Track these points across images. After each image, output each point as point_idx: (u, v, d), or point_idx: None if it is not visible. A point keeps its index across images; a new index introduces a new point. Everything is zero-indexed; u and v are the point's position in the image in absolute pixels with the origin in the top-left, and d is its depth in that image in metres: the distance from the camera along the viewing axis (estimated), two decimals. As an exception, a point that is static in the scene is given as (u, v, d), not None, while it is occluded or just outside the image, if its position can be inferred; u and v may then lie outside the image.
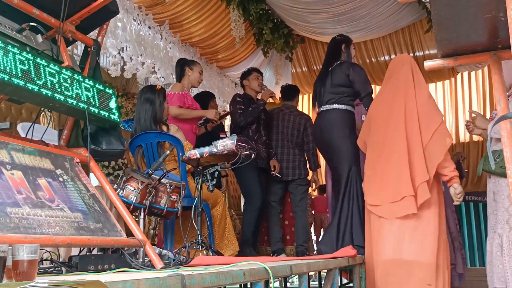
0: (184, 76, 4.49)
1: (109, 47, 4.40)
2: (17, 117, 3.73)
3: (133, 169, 3.14)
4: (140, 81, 5.18)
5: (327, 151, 4.48)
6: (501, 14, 1.48)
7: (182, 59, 4.73)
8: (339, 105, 4.38)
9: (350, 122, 4.43)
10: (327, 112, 4.42)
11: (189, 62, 4.59)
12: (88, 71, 2.65)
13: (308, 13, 6.42)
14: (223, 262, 2.43)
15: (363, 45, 7.56)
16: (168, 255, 2.77)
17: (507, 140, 1.55)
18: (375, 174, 3.67)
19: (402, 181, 3.42)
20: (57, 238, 1.93)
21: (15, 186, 1.96)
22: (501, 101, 1.61)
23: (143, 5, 4.90)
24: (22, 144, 2.19)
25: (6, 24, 2.26)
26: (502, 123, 1.54)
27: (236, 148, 3.19)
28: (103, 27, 2.83)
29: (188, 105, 4.34)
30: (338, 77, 4.41)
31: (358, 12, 6.31)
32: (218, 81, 6.79)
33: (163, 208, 3.05)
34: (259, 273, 2.06)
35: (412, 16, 6.75)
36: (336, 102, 4.39)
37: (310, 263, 2.71)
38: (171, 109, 4.17)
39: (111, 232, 2.26)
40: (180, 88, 4.39)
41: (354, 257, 3.51)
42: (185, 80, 4.48)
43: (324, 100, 4.45)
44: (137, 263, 2.30)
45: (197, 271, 1.79)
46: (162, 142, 3.64)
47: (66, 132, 2.62)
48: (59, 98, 2.27)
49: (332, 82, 4.42)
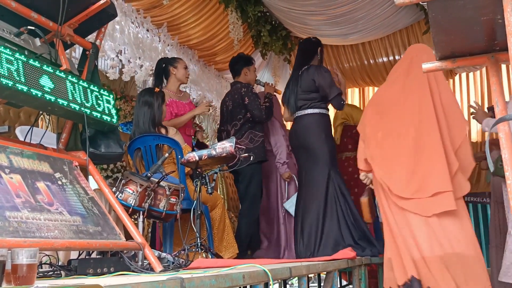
0: (170, 76, 4.38)
1: (107, 50, 4.40)
2: (15, 120, 3.72)
3: (132, 172, 3.14)
4: (139, 83, 5.17)
5: (302, 156, 4.48)
6: (499, 16, 1.48)
7: (162, 60, 4.54)
8: (313, 109, 4.41)
9: (326, 126, 4.46)
10: (302, 117, 4.45)
11: (170, 60, 4.43)
12: (87, 74, 2.66)
13: (306, 15, 6.42)
14: (222, 264, 2.43)
15: (361, 46, 7.56)
16: (167, 258, 2.77)
17: (505, 142, 1.55)
18: (400, 166, 3.50)
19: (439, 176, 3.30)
20: (56, 241, 1.93)
21: (14, 190, 1.96)
22: (499, 103, 1.62)
23: (141, 8, 4.90)
24: (20, 147, 2.19)
25: (4, 28, 2.26)
26: (500, 125, 1.55)
27: (234, 150, 3.19)
28: (101, 30, 2.83)
29: (175, 114, 4.24)
30: (306, 83, 4.45)
31: (356, 14, 6.31)
32: (216, 83, 6.78)
33: (162, 211, 3.05)
34: (259, 276, 2.06)
35: (410, 18, 6.76)
36: (309, 107, 4.42)
37: (309, 265, 2.71)
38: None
39: (110, 235, 2.26)
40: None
41: (353, 259, 3.51)
42: (171, 80, 4.38)
43: (297, 106, 4.47)
44: (136, 266, 2.31)
45: (197, 274, 1.80)
46: (161, 145, 3.64)
47: (65, 135, 2.62)
48: (57, 102, 2.27)
49: (302, 88, 4.45)
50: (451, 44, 1.74)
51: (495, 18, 1.51)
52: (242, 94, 4.49)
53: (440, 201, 3.19)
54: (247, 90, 4.52)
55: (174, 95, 4.37)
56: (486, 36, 1.64)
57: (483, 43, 1.70)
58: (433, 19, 1.57)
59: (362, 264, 3.75)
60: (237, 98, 4.52)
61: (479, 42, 1.71)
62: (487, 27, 1.57)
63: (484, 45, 1.73)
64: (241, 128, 4.47)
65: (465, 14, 1.50)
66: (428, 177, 3.24)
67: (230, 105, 4.59)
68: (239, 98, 4.51)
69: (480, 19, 1.54)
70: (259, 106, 4.45)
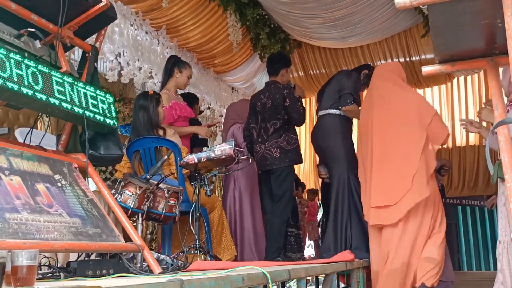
0: (172, 76, 4.36)
1: (106, 52, 4.40)
2: (14, 122, 3.73)
3: (131, 174, 3.14)
4: (137, 86, 5.18)
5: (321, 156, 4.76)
6: (498, 20, 1.49)
7: (173, 57, 4.55)
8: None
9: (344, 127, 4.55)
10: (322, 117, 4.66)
11: (180, 63, 4.41)
12: (86, 76, 2.65)
13: (305, 18, 6.43)
14: (221, 267, 2.43)
15: (360, 50, 7.58)
16: (166, 260, 2.77)
17: (505, 145, 1.56)
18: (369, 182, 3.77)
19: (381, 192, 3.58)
20: (56, 243, 1.92)
21: (13, 191, 1.96)
22: (498, 107, 1.63)
23: (140, 10, 4.90)
24: (20, 149, 2.19)
25: (4, 30, 2.26)
26: (500, 128, 1.55)
27: (233, 153, 3.19)
28: (101, 32, 2.83)
29: (178, 115, 4.24)
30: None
31: (354, 17, 6.33)
32: (215, 86, 6.79)
33: (161, 213, 3.05)
34: (258, 278, 2.07)
35: (408, 21, 6.78)
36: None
37: (308, 268, 2.71)
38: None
39: (109, 237, 2.26)
40: (167, 101, 4.23)
41: (351, 262, 3.51)
42: (172, 81, 4.36)
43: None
44: (135, 268, 2.30)
45: (196, 276, 1.80)
46: (159, 147, 3.64)
47: (64, 137, 2.62)
48: (57, 104, 2.27)
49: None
50: (450, 47, 1.75)
51: (495, 22, 1.52)
52: (285, 95, 4.39)
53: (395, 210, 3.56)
54: (289, 92, 4.43)
55: (173, 96, 4.37)
56: (485, 40, 1.65)
57: (482, 46, 1.71)
58: (433, 22, 1.58)
59: (361, 266, 3.75)
60: (278, 98, 4.41)
61: (479, 45, 1.72)
62: (487, 30, 1.58)
63: (484, 49, 1.74)
64: (280, 128, 4.38)
65: (465, 18, 1.51)
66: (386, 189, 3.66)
67: (269, 103, 4.44)
68: (280, 98, 4.40)
69: (480, 23, 1.55)
70: (299, 109, 4.40)
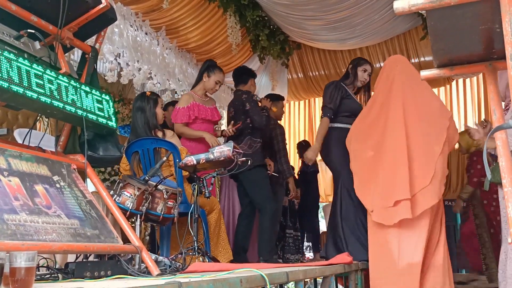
0: (201, 80, 4.48)
1: (105, 53, 4.41)
2: (13, 123, 3.73)
3: (130, 176, 3.14)
4: (137, 87, 5.17)
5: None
6: (497, 25, 1.50)
7: (208, 61, 4.64)
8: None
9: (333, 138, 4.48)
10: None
11: (210, 68, 4.48)
12: (86, 77, 2.66)
13: (304, 20, 6.43)
14: (220, 268, 2.43)
15: (359, 52, 7.57)
16: (164, 261, 2.77)
17: (502, 150, 1.57)
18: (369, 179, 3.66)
19: (397, 185, 3.42)
20: (54, 244, 1.93)
21: (12, 192, 1.96)
22: (496, 111, 1.63)
23: (140, 11, 4.90)
24: (19, 150, 2.19)
25: (4, 31, 2.26)
26: (498, 133, 1.56)
27: (232, 154, 3.20)
28: (100, 33, 2.84)
29: (195, 116, 4.32)
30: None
31: (354, 19, 6.33)
32: (214, 87, 6.79)
33: (159, 214, 3.05)
34: (256, 280, 2.07)
35: (408, 24, 6.79)
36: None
37: (306, 270, 2.72)
38: (175, 126, 4.30)
39: (107, 238, 2.26)
40: (186, 101, 4.35)
41: (350, 264, 3.52)
42: (200, 84, 4.49)
43: None
44: (133, 270, 2.31)
45: (194, 278, 1.80)
46: (158, 148, 3.64)
47: (63, 138, 2.62)
48: (56, 105, 2.27)
49: None
50: (449, 52, 1.76)
51: (493, 27, 1.52)
52: (243, 100, 4.52)
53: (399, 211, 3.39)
54: (248, 96, 4.55)
55: (198, 98, 4.45)
56: (484, 45, 1.66)
57: (481, 51, 1.72)
58: (431, 27, 1.58)
59: (359, 269, 3.76)
60: (238, 104, 4.55)
61: (477, 50, 1.73)
62: (485, 35, 1.59)
63: (482, 54, 1.74)
64: (241, 134, 4.48)
65: (463, 23, 1.52)
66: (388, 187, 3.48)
67: (232, 111, 4.62)
68: (240, 104, 4.54)
69: (478, 28, 1.56)
70: (259, 112, 4.48)
